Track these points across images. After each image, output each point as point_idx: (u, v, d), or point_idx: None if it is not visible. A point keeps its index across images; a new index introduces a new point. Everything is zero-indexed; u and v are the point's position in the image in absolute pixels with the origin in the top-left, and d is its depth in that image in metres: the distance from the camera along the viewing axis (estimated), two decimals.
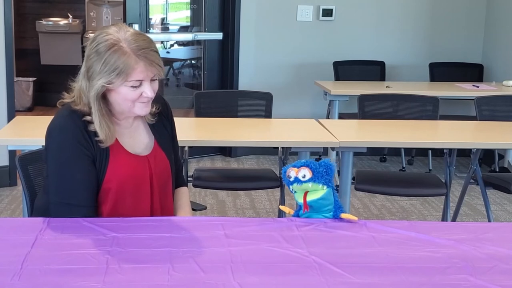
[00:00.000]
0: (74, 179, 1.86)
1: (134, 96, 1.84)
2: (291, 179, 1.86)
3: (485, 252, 1.71)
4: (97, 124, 1.85)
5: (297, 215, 1.93)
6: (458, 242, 1.77)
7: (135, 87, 1.82)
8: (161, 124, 2.03)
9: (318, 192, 1.86)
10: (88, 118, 1.86)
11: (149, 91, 1.84)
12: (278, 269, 1.57)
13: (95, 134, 1.87)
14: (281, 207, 2.09)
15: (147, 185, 1.95)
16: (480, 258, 1.68)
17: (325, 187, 1.86)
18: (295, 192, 1.90)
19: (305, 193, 1.87)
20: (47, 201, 1.90)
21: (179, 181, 2.16)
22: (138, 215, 1.90)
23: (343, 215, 1.90)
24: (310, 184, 1.85)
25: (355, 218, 1.89)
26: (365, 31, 5.44)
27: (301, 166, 1.86)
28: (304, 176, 1.84)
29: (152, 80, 1.85)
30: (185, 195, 2.15)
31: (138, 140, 1.97)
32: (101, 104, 1.86)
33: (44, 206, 1.91)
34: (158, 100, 1.99)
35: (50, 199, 1.89)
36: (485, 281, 1.54)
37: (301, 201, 1.89)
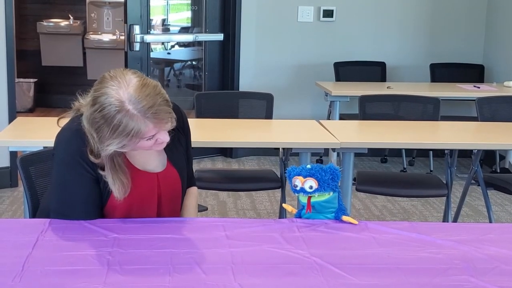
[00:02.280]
0: (74, 194, 1.83)
1: (150, 144, 1.76)
2: (297, 188, 1.86)
3: (486, 253, 1.71)
4: (110, 182, 1.80)
5: (299, 214, 1.93)
6: (459, 243, 1.77)
7: (150, 139, 1.75)
8: (176, 139, 1.94)
9: (323, 195, 1.87)
10: (97, 161, 1.80)
11: (163, 137, 1.76)
12: (279, 270, 1.57)
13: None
14: (284, 205, 2.08)
15: (154, 203, 1.91)
16: (481, 259, 1.68)
17: (331, 192, 1.87)
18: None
19: (308, 197, 1.88)
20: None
21: (190, 182, 2.10)
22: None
23: (344, 218, 1.90)
24: (316, 194, 1.86)
25: (356, 222, 1.89)
26: (366, 32, 5.44)
27: (307, 176, 1.85)
28: (311, 187, 1.85)
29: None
30: (193, 196, 2.11)
31: (149, 158, 1.90)
32: (114, 160, 1.79)
33: (48, 209, 1.91)
34: (174, 110, 1.81)
35: (50, 206, 1.88)
36: (486, 282, 1.54)
37: (304, 201, 1.89)
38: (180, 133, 1.99)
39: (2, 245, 1.69)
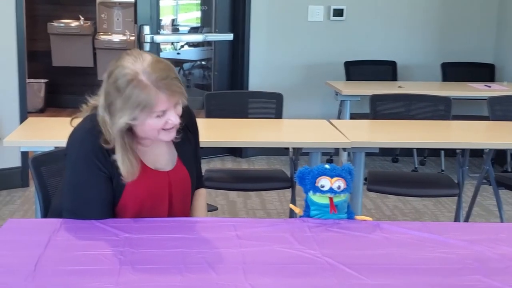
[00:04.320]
0: (87, 192, 1.84)
1: (160, 124, 1.79)
2: (325, 189, 1.85)
3: (499, 253, 1.70)
4: (120, 160, 1.80)
5: (307, 215, 1.92)
6: (471, 242, 1.76)
7: (160, 116, 1.78)
8: (186, 137, 1.97)
9: (342, 195, 1.88)
10: (110, 146, 1.81)
11: (174, 118, 1.79)
12: (290, 271, 1.57)
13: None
14: (291, 206, 2.08)
15: (166, 202, 1.93)
16: (493, 258, 1.67)
17: (348, 194, 1.89)
18: (312, 195, 1.89)
19: (330, 199, 1.87)
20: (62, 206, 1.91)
21: (198, 183, 2.12)
22: None
23: (357, 217, 1.90)
24: (342, 195, 1.86)
25: (370, 218, 1.90)
26: (376, 31, 5.42)
27: (335, 176, 1.84)
28: (339, 187, 1.85)
29: (176, 104, 1.80)
30: (202, 197, 2.13)
31: (160, 156, 1.93)
32: (125, 139, 1.80)
33: (61, 208, 1.91)
34: (183, 109, 1.88)
35: (63, 205, 1.89)
36: (498, 281, 1.53)
37: (323, 202, 1.87)
38: (189, 131, 2.01)
39: (14, 245, 1.69)
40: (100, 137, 1.81)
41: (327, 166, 1.87)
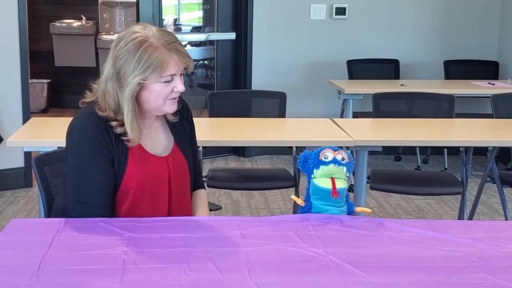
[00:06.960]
0: (91, 179, 1.87)
1: (167, 92, 1.85)
2: (328, 160, 1.85)
3: (504, 251, 1.70)
4: (128, 124, 1.85)
5: (309, 206, 1.90)
6: (476, 240, 1.76)
7: (168, 82, 1.84)
8: (181, 125, 2.04)
9: (342, 181, 1.87)
10: (113, 123, 1.85)
11: (180, 85, 1.86)
12: (295, 269, 1.57)
13: (115, 134, 1.87)
14: (293, 196, 2.07)
15: (166, 186, 1.95)
16: (498, 256, 1.66)
17: (346, 179, 1.88)
18: (315, 177, 1.88)
19: (332, 179, 1.86)
20: (66, 200, 1.91)
21: (198, 184, 2.15)
22: (156, 216, 1.90)
23: (357, 209, 1.90)
24: (344, 169, 1.85)
25: (369, 210, 1.90)
26: (378, 29, 5.42)
27: (337, 150, 1.85)
28: (343, 159, 1.84)
29: (181, 72, 1.87)
30: (203, 197, 2.15)
31: (158, 141, 1.98)
32: (134, 104, 1.86)
33: (63, 206, 1.92)
34: (179, 101, 2.00)
35: (67, 196, 1.90)
36: (504, 279, 1.53)
37: (326, 186, 1.86)
38: (185, 120, 2.06)
39: (18, 245, 1.69)
40: (100, 119, 1.85)
41: (330, 146, 1.89)
